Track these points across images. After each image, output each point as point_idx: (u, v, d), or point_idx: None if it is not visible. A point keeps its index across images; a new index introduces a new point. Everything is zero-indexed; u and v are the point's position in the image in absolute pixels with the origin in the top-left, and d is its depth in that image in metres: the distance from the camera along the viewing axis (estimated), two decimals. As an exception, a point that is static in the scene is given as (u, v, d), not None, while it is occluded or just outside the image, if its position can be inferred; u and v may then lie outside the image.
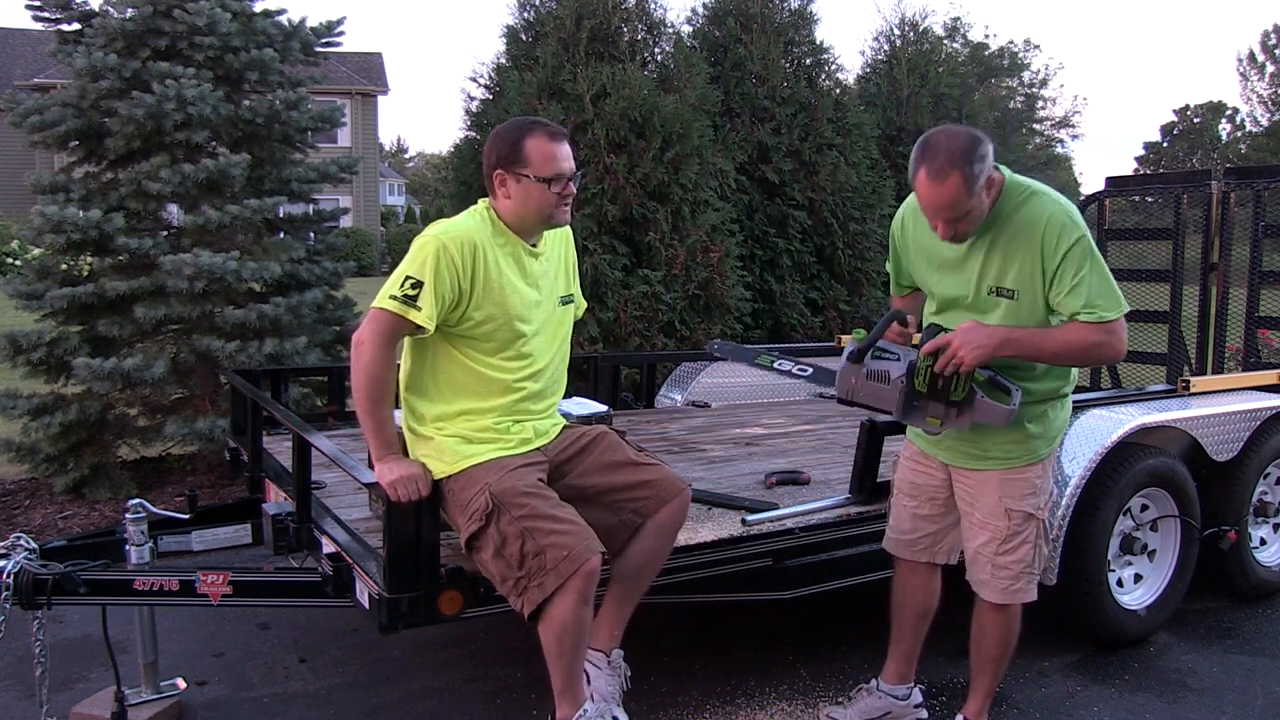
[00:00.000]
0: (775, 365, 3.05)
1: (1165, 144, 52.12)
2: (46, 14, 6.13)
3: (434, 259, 2.63)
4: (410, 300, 2.61)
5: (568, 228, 2.97)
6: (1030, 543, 2.81)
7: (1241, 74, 49.24)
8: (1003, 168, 2.67)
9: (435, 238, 2.67)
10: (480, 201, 2.85)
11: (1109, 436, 3.64)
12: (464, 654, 3.79)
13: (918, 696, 3.17)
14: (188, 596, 2.99)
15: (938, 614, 3.10)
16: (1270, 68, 46.84)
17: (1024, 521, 2.80)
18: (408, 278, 2.63)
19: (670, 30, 7.21)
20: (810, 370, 3.17)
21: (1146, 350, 5.85)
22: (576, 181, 2.82)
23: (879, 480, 3.42)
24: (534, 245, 2.84)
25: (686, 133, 6.44)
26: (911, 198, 2.82)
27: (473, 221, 2.76)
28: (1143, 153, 53.97)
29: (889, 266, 3.10)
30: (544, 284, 2.86)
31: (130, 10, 5.72)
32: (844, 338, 5.25)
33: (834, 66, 7.92)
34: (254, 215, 5.70)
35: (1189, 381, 4.17)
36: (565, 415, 3.08)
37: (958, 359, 2.61)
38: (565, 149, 2.76)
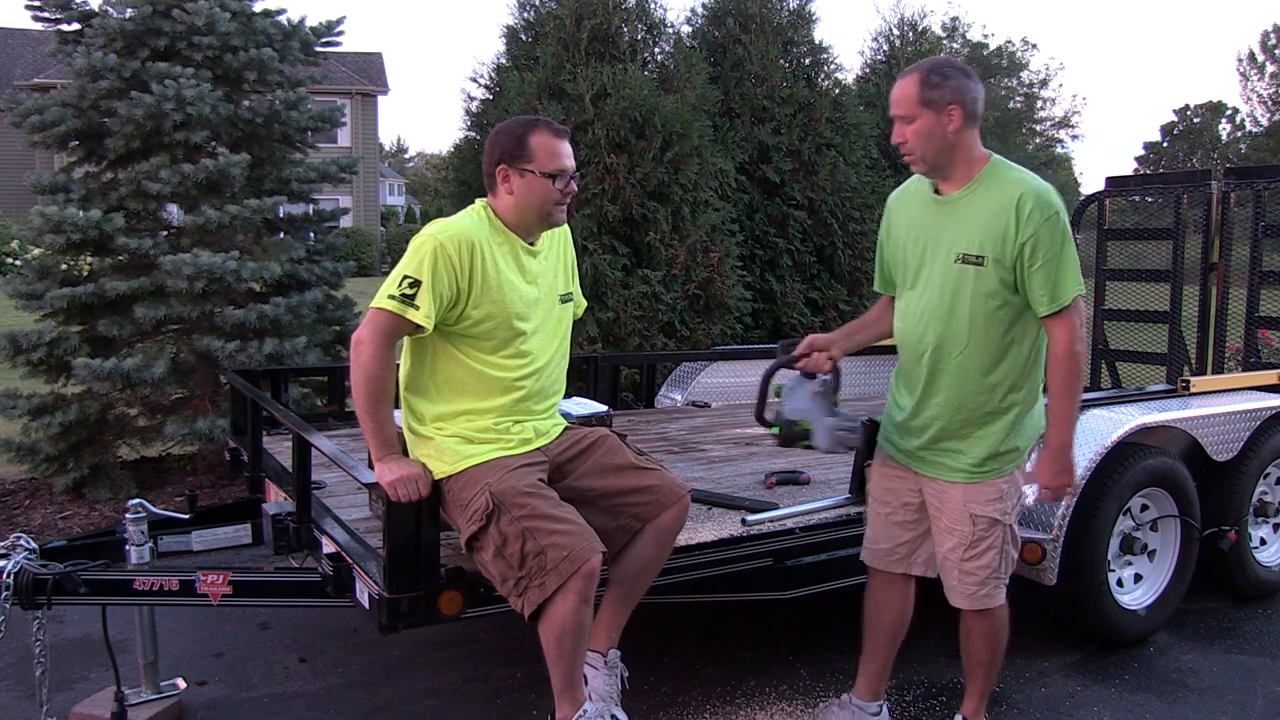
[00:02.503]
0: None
1: (1165, 144, 52.12)
2: (46, 14, 6.13)
3: (431, 258, 2.63)
4: (408, 300, 2.61)
5: (565, 226, 2.98)
6: (996, 548, 2.79)
7: (1241, 74, 49.24)
8: (995, 154, 2.73)
9: (433, 237, 2.67)
10: (478, 201, 2.85)
11: (1109, 436, 3.64)
12: (464, 654, 3.79)
13: (887, 715, 3.14)
14: (188, 596, 2.99)
15: (936, 613, 3.09)
16: (1270, 68, 46.85)
17: (989, 527, 2.77)
18: (405, 277, 2.63)
19: (670, 30, 7.21)
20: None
21: (1146, 350, 5.85)
22: (576, 181, 2.84)
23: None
24: (532, 244, 2.84)
25: (686, 133, 6.44)
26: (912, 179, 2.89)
27: (470, 221, 2.76)
28: (1143, 153, 54.02)
29: (876, 265, 3.06)
30: (543, 282, 2.86)
31: (130, 10, 5.71)
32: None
33: (833, 66, 7.92)
34: (254, 215, 5.70)
35: (1189, 381, 4.17)
36: (565, 415, 3.07)
37: (1063, 491, 2.76)
38: (568, 147, 2.79)
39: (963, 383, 2.72)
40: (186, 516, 3.62)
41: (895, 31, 8.89)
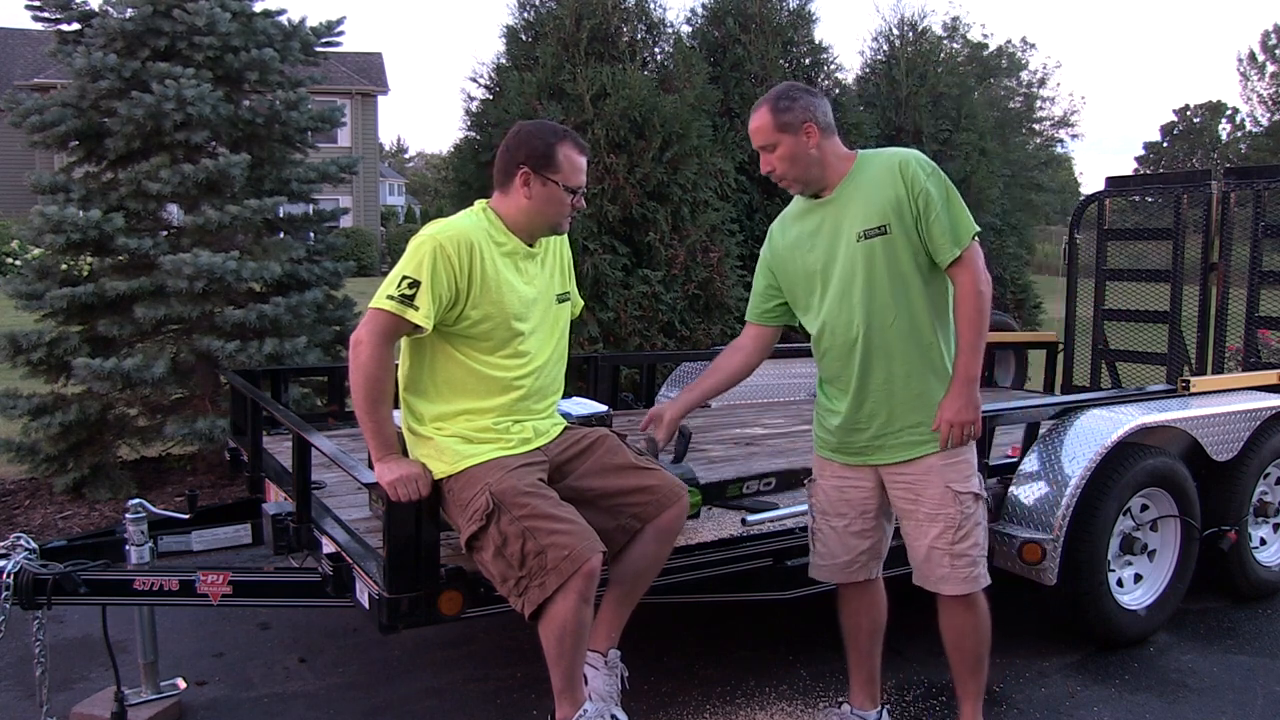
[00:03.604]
0: (744, 489, 3.32)
1: (1165, 144, 52.14)
2: (46, 14, 6.13)
3: (431, 258, 2.64)
4: (407, 300, 2.61)
5: None
6: (981, 524, 2.80)
7: (1241, 74, 49.22)
8: (860, 150, 2.83)
9: (432, 237, 2.67)
10: (478, 203, 2.86)
11: (1109, 436, 3.64)
12: (464, 654, 3.79)
13: (886, 718, 3.14)
14: (188, 596, 2.99)
15: (932, 614, 3.08)
16: (1270, 67, 46.85)
17: (973, 502, 2.78)
18: (404, 277, 2.63)
19: (670, 30, 7.22)
20: (774, 481, 3.31)
21: (1146, 350, 5.85)
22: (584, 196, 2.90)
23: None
24: (531, 245, 2.85)
25: (686, 133, 6.44)
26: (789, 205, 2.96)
27: (469, 221, 2.77)
28: (1143, 153, 54.07)
29: (753, 291, 3.05)
30: (540, 282, 2.87)
31: (130, 10, 5.71)
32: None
33: (833, 66, 7.94)
34: (254, 215, 5.70)
35: (1189, 381, 4.17)
36: (565, 415, 3.08)
37: (972, 432, 2.74)
38: (586, 162, 2.86)
39: (901, 354, 2.74)
40: (186, 516, 3.62)
41: (895, 31, 8.90)
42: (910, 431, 2.77)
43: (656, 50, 7.14)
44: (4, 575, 2.92)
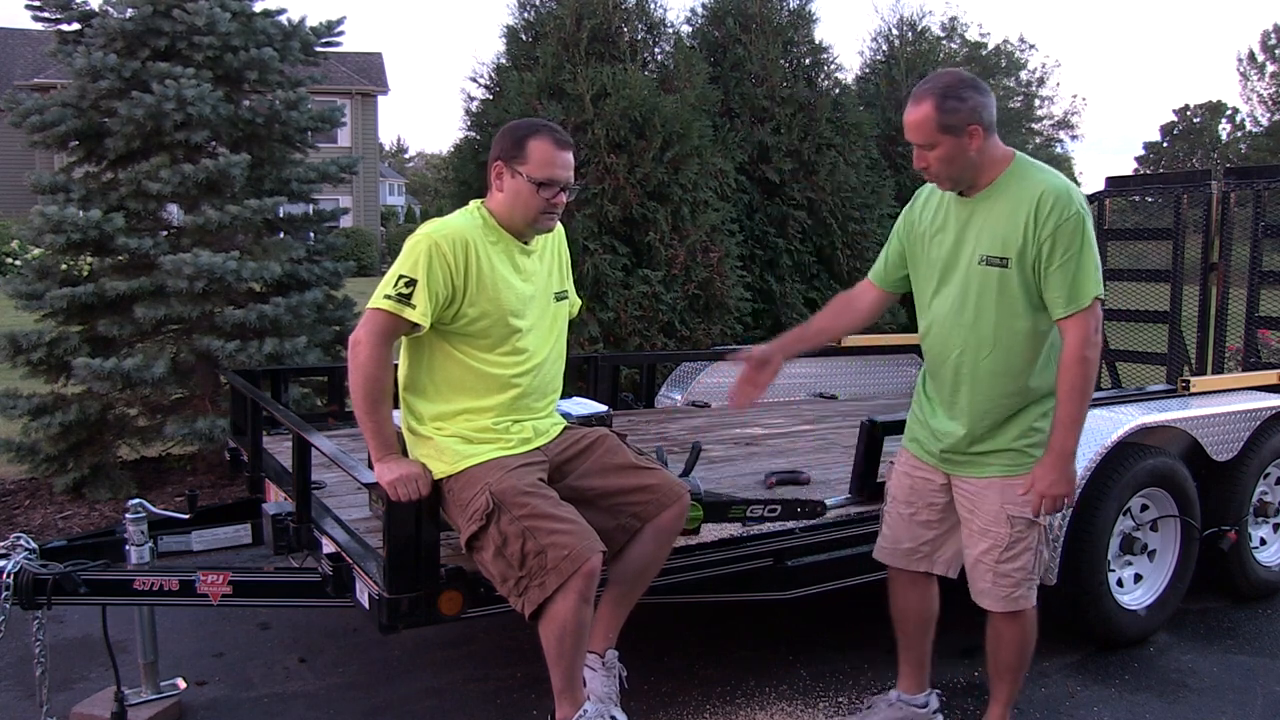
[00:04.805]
0: (748, 514, 3.20)
1: (1165, 144, 52.12)
2: (46, 14, 6.13)
3: (426, 257, 2.64)
4: (404, 299, 2.62)
5: (560, 225, 2.98)
6: (1032, 549, 2.76)
7: (1241, 74, 49.21)
8: (1019, 153, 2.70)
9: (427, 236, 2.68)
10: (473, 202, 2.86)
11: (1109, 436, 3.64)
12: (464, 654, 3.79)
13: (935, 702, 3.13)
14: (188, 596, 2.99)
15: (945, 612, 3.08)
16: (1270, 67, 46.84)
17: (1027, 528, 2.74)
18: (401, 276, 2.64)
19: (670, 30, 7.21)
20: (779, 509, 3.26)
21: (1146, 350, 5.85)
22: (570, 194, 2.84)
23: (879, 480, 3.42)
24: (526, 243, 2.84)
25: (686, 133, 6.44)
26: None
27: (465, 219, 2.77)
28: (1143, 153, 54.04)
29: (883, 252, 3.01)
30: (537, 279, 2.87)
31: (130, 10, 5.71)
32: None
33: (833, 66, 7.91)
34: (254, 215, 5.70)
35: (1189, 381, 4.17)
36: (565, 415, 3.08)
37: (1060, 501, 2.65)
38: (566, 158, 2.77)
39: (991, 386, 2.71)
40: (186, 516, 3.61)
41: (894, 31, 8.88)
42: (979, 458, 2.77)
43: (657, 50, 7.13)
44: (4, 575, 2.92)
